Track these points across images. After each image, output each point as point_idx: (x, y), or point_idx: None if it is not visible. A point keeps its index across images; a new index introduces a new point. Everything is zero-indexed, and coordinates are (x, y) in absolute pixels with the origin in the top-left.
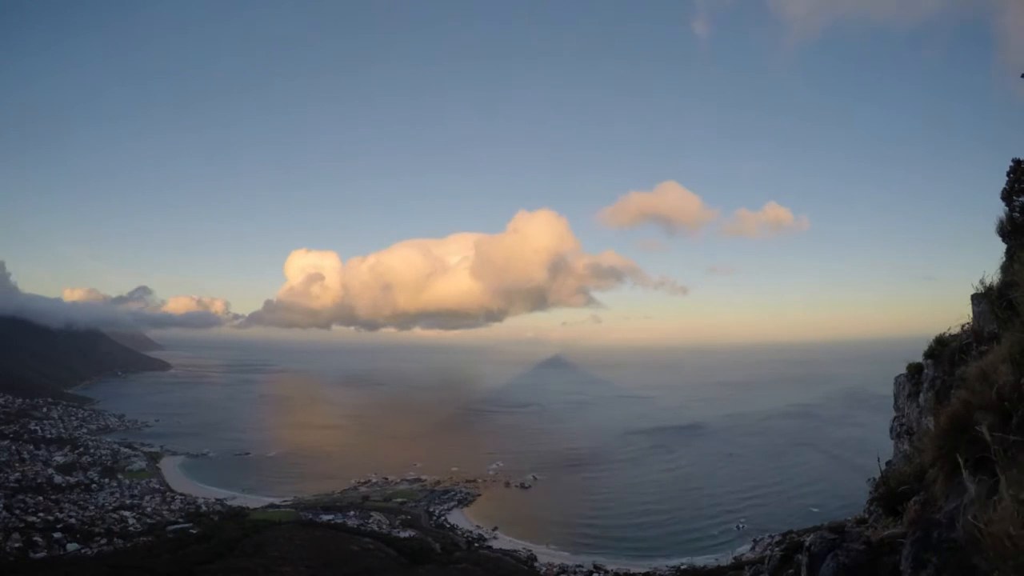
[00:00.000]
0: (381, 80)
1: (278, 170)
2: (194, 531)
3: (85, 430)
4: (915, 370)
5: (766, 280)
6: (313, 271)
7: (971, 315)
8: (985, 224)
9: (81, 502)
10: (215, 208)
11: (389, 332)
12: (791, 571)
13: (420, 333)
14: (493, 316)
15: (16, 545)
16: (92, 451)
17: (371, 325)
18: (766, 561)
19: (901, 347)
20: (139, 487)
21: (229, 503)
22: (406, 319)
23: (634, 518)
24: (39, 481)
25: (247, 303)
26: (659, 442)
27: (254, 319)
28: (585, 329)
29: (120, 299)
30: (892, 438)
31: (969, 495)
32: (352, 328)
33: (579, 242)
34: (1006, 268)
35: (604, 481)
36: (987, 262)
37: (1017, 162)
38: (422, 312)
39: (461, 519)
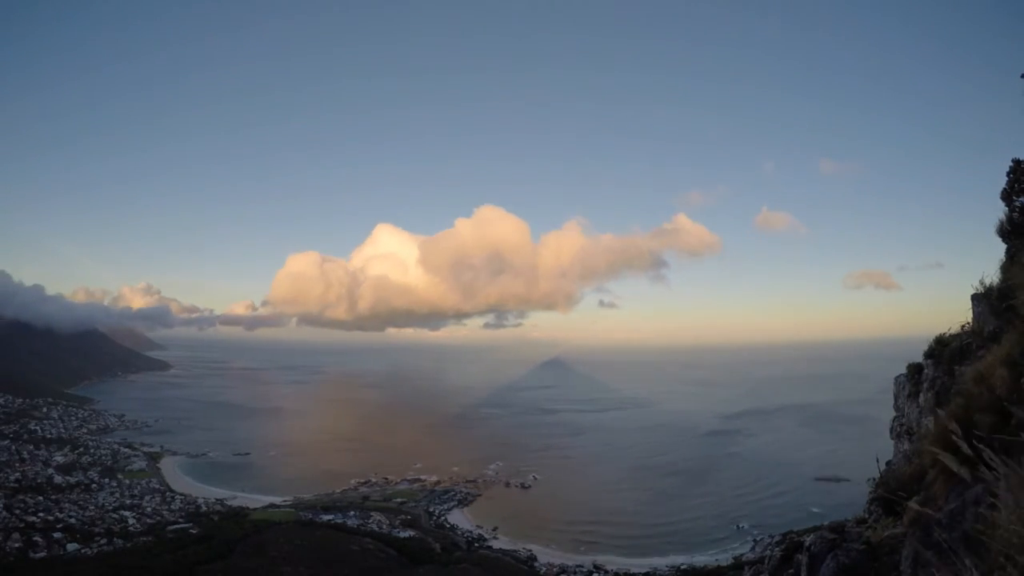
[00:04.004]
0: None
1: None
2: (194, 531)
3: (85, 430)
4: (915, 370)
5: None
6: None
7: (971, 315)
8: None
9: (81, 502)
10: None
11: (406, 332)
12: (791, 571)
13: (428, 334)
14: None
15: (16, 545)
16: (92, 451)
17: (428, 324)
18: (766, 561)
19: (897, 348)
20: (139, 487)
21: (229, 503)
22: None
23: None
24: (39, 481)
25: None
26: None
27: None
28: (598, 328)
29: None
30: (892, 438)
31: (969, 499)
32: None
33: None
34: (1006, 268)
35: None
36: (986, 263)
37: (1017, 162)
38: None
39: (461, 519)
